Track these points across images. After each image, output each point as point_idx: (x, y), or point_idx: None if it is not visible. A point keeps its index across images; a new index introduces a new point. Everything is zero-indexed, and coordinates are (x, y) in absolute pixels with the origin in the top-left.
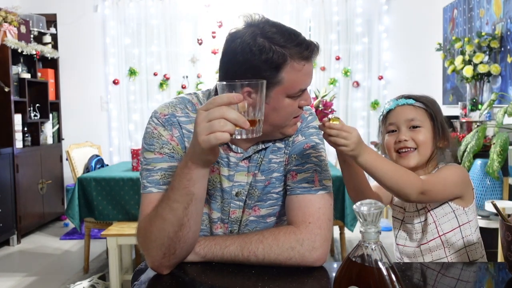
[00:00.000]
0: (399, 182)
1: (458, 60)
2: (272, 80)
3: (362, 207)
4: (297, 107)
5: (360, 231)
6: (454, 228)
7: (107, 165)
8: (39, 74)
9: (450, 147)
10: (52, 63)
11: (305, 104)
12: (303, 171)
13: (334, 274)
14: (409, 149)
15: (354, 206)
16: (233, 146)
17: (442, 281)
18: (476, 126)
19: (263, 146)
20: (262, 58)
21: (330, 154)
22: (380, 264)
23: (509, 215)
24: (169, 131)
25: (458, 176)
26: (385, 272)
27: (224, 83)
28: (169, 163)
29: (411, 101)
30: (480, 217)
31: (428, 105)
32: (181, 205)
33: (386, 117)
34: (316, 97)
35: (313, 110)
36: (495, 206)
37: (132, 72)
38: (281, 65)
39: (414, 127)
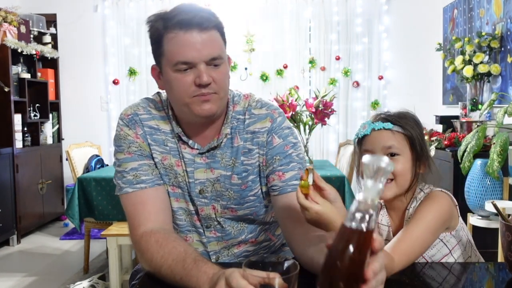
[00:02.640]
0: None
1: (458, 60)
2: (158, 52)
3: (374, 159)
4: (192, 83)
5: (363, 189)
6: (445, 255)
7: (107, 165)
8: (39, 74)
9: (432, 171)
10: (52, 63)
11: (199, 81)
12: (290, 170)
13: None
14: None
15: (365, 159)
16: (190, 141)
17: (442, 281)
18: (476, 126)
19: (216, 143)
20: (149, 36)
21: (331, 154)
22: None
23: (509, 215)
24: (133, 129)
25: (439, 217)
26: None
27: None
28: (138, 161)
29: (388, 125)
30: (480, 217)
31: (407, 128)
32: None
33: (361, 142)
34: (316, 97)
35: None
36: (495, 206)
37: (132, 72)
38: (160, 37)
39: (392, 154)
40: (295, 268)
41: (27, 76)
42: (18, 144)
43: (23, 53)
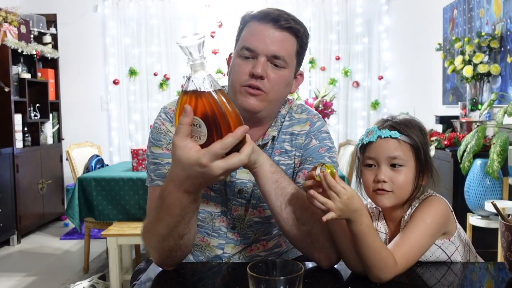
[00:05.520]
0: (374, 263)
1: (458, 60)
2: (237, 39)
3: (185, 40)
4: (247, 73)
5: (190, 65)
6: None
7: (107, 165)
8: (39, 74)
9: (434, 182)
10: (52, 63)
11: (252, 71)
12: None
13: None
14: (385, 190)
15: (180, 42)
16: None
17: (442, 281)
18: (476, 126)
19: (261, 143)
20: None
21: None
22: (210, 90)
23: (509, 215)
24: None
25: (436, 220)
26: (215, 96)
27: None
28: None
29: (396, 134)
30: (480, 217)
31: (413, 139)
32: (182, 221)
33: (365, 148)
34: (316, 97)
35: (320, 115)
36: (495, 206)
37: (132, 72)
38: (243, 26)
39: (395, 165)
40: (300, 269)
41: (27, 76)
42: (18, 144)
43: (23, 53)
